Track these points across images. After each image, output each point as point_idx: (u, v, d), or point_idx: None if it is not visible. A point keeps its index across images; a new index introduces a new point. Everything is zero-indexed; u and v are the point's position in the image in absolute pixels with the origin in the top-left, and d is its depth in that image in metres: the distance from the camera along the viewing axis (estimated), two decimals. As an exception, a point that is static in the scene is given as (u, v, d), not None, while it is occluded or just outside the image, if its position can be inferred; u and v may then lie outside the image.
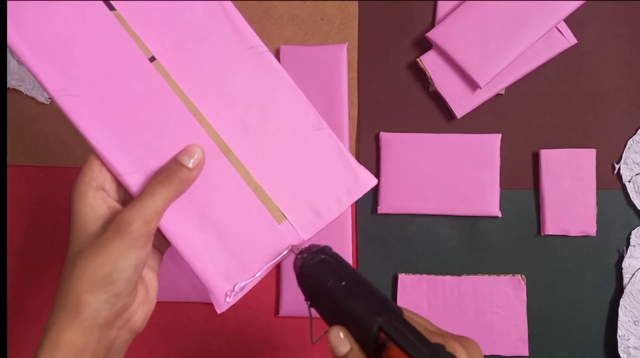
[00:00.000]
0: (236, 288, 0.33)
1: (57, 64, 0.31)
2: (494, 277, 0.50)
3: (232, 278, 0.33)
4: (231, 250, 0.33)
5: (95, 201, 0.31)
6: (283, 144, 0.33)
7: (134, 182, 0.32)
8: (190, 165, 0.31)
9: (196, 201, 0.32)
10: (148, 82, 0.31)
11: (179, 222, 0.32)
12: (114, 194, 0.32)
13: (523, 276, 0.50)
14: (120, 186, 0.32)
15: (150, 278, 0.33)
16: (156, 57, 0.32)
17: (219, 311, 0.33)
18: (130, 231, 0.29)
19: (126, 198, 0.33)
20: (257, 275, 0.33)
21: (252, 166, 0.33)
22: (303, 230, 0.33)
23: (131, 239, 0.29)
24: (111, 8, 0.31)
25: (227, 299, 0.33)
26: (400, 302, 0.50)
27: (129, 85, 0.31)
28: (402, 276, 0.50)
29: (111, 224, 0.29)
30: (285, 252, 0.33)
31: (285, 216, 0.33)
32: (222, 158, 0.32)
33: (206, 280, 0.32)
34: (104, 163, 0.32)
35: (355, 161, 0.34)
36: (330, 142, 0.33)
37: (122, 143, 0.31)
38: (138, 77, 0.31)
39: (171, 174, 0.31)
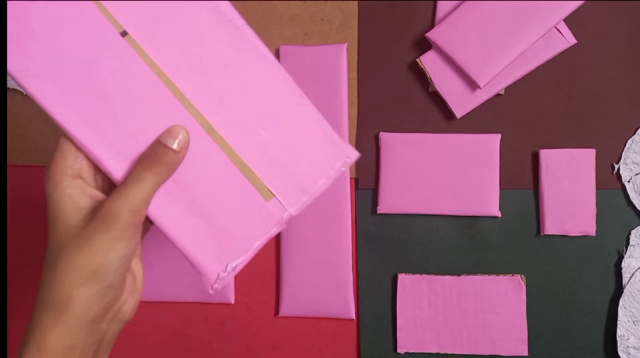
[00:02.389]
0: (228, 268, 0.32)
1: (16, 42, 0.28)
2: (493, 277, 0.50)
3: (223, 259, 0.32)
4: (220, 230, 0.32)
5: (73, 190, 0.29)
6: (266, 121, 0.32)
7: (115, 167, 0.30)
8: (175, 147, 0.29)
9: (183, 184, 0.31)
10: (121, 58, 0.29)
11: (167, 207, 0.31)
12: (92, 182, 0.30)
13: (523, 276, 0.50)
14: (99, 172, 0.31)
15: (136, 265, 0.32)
16: (128, 31, 0.29)
17: (211, 292, 0.32)
18: (118, 221, 0.27)
19: (105, 185, 0.31)
20: (248, 253, 0.33)
21: (237, 145, 0.32)
22: (291, 206, 0.33)
23: (119, 230, 0.27)
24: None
25: (219, 279, 0.32)
26: (400, 302, 0.51)
27: (99, 62, 0.29)
28: (402, 276, 0.50)
29: (97, 214, 0.28)
30: (273, 229, 0.33)
31: (273, 194, 0.33)
32: (207, 138, 0.31)
33: (197, 262, 0.32)
34: (80, 149, 0.30)
35: (338, 135, 0.34)
36: (313, 117, 0.33)
37: (98, 125, 0.29)
38: (109, 53, 0.29)
39: (156, 158, 0.29)
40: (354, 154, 0.34)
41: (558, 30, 0.49)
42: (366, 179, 0.52)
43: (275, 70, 0.32)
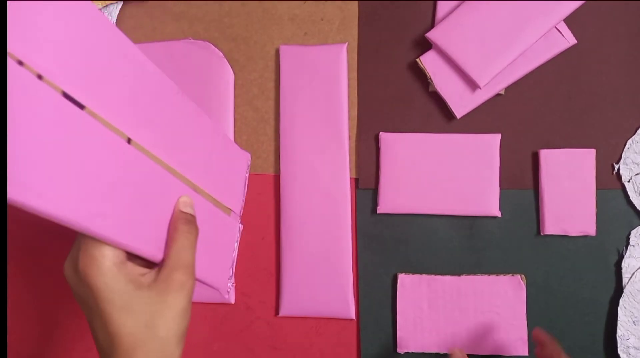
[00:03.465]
0: (230, 278, 0.41)
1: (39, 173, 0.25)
2: (493, 277, 0.50)
3: (224, 273, 0.40)
4: (212, 253, 0.39)
5: (128, 276, 0.29)
6: (210, 158, 0.38)
7: (153, 252, 0.32)
8: (193, 212, 0.34)
9: None
10: (128, 160, 0.30)
11: None
12: (129, 259, 0.31)
13: (523, 276, 0.50)
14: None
15: None
16: (131, 137, 0.30)
17: (226, 296, 0.42)
18: (189, 287, 0.31)
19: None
20: (234, 262, 0.42)
21: (200, 181, 0.37)
22: (240, 213, 0.43)
23: (191, 292, 0.32)
24: (81, 106, 0.26)
25: (230, 288, 0.41)
26: (400, 302, 0.51)
27: (110, 171, 0.28)
28: (401, 276, 0.50)
29: (167, 287, 0.30)
30: (238, 235, 0.42)
31: (230, 209, 0.41)
32: (192, 192, 0.36)
33: (212, 283, 0.39)
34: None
35: (237, 144, 0.44)
36: (229, 142, 0.42)
37: (128, 224, 0.29)
38: (119, 160, 0.29)
39: (188, 223, 0.33)
40: (249, 156, 0.45)
41: (558, 30, 0.49)
42: (366, 179, 0.52)
43: (203, 115, 0.38)
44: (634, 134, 0.50)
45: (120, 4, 0.54)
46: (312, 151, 0.51)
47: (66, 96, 0.25)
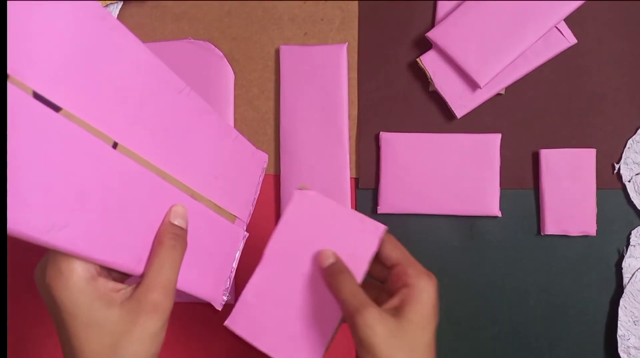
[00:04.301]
0: (225, 292, 0.38)
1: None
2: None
3: (219, 286, 0.37)
4: (212, 265, 0.36)
5: (98, 293, 0.27)
6: (216, 160, 0.36)
7: (134, 265, 0.29)
8: (184, 224, 0.32)
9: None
10: (114, 168, 0.27)
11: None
12: (104, 273, 0.29)
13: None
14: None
15: None
16: (117, 141, 0.27)
17: (220, 309, 0.38)
18: (164, 308, 0.29)
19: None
20: (233, 272, 0.39)
21: (200, 187, 0.34)
22: (245, 218, 0.40)
23: (166, 313, 0.29)
24: (56, 109, 0.24)
25: (223, 301, 0.38)
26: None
27: (94, 177, 0.26)
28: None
29: (140, 306, 0.28)
30: (241, 243, 0.40)
31: (235, 216, 0.39)
32: (190, 200, 0.34)
33: (205, 297, 0.36)
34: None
35: (255, 146, 0.40)
36: (243, 142, 0.39)
37: (107, 238, 0.27)
38: (102, 166, 0.27)
39: (175, 237, 0.30)
40: (266, 157, 0.42)
41: (558, 30, 0.49)
42: (366, 179, 0.52)
43: (216, 119, 0.35)
44: (634, 134, 0.50)
45: (120, 4, 0.54)
46: (312, 151, 0.51)
47: (38, 96, 0.23)
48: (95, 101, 0.26)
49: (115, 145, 0.27)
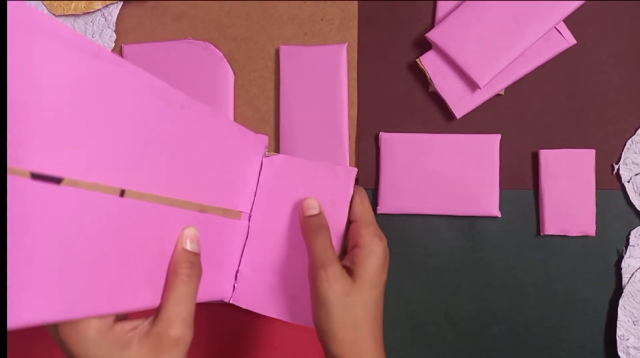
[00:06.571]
0: (237, 278, 0.39)
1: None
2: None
3: (228, 279, 0.38)
4: (215, 266, 0.36)
5: (120, 335, 0.27)
6: (221, 162, 0.35)
7: (149, 303, 0.29)
8: (197, 250, 0.31)
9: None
10: (125, 214, 0.26)
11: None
12: (113, 319, 0.28)
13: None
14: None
15: None
16: (125, 188, 0.26)
17: (229, 301, 0.39)
18: (185, 343, 0.29)
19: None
20: (241, 259, 0.39)
21: (207, 198, 0.34)
22: (249, 208, 0.39)
23: (187, 347, 0.29)
24: (57, 181, 0.22)
25: (234, 290, 0.39)
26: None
27: (110, 231, 0.25)
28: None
29: (161, 343, 0.28)
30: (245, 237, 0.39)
31: (241, 212, 0.39)
32: (200, 215, 0.33)
33: (218, 297, 0.37)
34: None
35: (250, 130, 0.38)
36: (245, 133, 0.37)
37: (125, 286, 0.27)
38: (114, 216, 0.26)
39: (190, 265, 0.30)
40: (266, 139, 0.40)
41: (558, 30, 0.49)
42: (366, 179, 0.52)
43: (215, 120, 0.34)
44: (634, 134, 0.50)
45: (120, 4, 0.54)
46: (312, 151, 0.51)
47: (36, 176, 0.21)
48: (99, 157, 0.24)
49: (122, 193, 0.26)
